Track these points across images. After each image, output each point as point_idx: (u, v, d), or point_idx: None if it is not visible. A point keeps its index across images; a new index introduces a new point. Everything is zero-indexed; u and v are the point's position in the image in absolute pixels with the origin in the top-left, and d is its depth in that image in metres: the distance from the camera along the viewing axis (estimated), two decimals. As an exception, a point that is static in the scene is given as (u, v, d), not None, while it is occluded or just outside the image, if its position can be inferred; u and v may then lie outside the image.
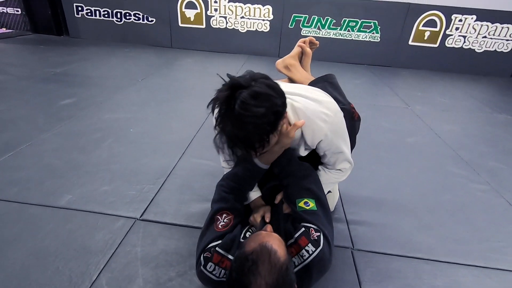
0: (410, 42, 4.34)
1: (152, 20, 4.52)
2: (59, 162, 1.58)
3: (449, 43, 4.30)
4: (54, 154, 1.65)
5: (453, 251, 1.21)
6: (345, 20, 4.26)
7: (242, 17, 4.38)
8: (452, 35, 4.24)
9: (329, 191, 1.24)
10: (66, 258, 1.04)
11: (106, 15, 4.53)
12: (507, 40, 4.20)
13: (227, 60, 4.15)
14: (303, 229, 0.87)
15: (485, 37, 4.21)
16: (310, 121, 0.94)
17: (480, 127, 2.56)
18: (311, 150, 1.05)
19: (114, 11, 4.49)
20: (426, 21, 4.18)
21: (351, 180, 1.54)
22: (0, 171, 1.48)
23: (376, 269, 1.10)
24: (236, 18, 4.39)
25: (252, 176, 1.03)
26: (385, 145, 2.06)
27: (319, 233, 0.86)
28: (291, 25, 4.36)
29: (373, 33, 4.31)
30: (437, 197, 1.55)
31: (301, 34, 4.36)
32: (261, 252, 0.72)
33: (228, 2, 4.28)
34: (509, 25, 4.10)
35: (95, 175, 1.50)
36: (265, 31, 4.45)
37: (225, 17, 4.40)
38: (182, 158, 1.71)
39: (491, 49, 4.28)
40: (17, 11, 4.61)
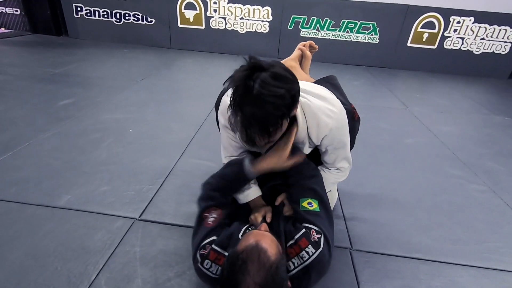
0: (409, 44, 4.36)
1: (152, 21, 4.52)
2: (58, 162, 1.58)
3: (447, 45, 4.32)
4: (53, 154, 1.65)
5: (451, 252, 1.22)
6: (344, 22, 4.27)
7: (242, 18, 4.39)
8: (450, 37, 4.26)
9: (329, 190, 1.24)
10: (65, 258, 1.04)
11: (106, 16, 4.53)
12: (505, 42, 4.22)
13: (226, 61, 4.15)
14: (304, 230, 0.87)
15: (483, 39, 4.24)
16: (316, 116, 0.95)
17: (478, 129, 2.57)
18: (313, 149, 1.06)
19: (114, 12, 4.49)
20: (425, 23, 4.20)
21: (350, 181, 1.54)
22: (-1, 171, 1.48)
23: (375, 269, 1.10)
24: (236, 19, 4.40)
25: (239, 180, 1.03)
26: (384, 146, 2.07)
27: (320, 235, 0.86)
28: (290, 26, 4.37)
29: (372, 35, 4.32)
30: (435, 198, 1.56)
31: (300, 35, 4.38)
32: (251, 251, 0.73)
33: (228, 3, 4.29)
34: (507, 27, 4.12)
35: (94, 176, 1.50)
36: (264, 32, 4.46)
37: (225, 18, 4.41)
38: (181, 159, 1.71)
39: (489, 51, 4.30)
40: (16, 11, 4.61)
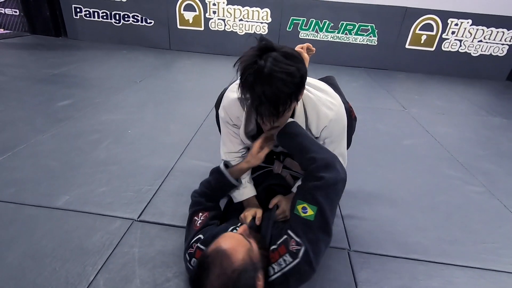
0: (407, 46, 4.38)
1: (151, 22, 4.53)
2: (57, 163, 1.58)
3: (445, 47, 4.34)
4: (52, 155, 1.65)
5: (448, 252, 1.22)
6: (343, 24, 4.29)
7: (241, 20, 4.40)
8: (448, 39, 4.29)
9: None
10: (63, 259, 1.04)
11: (105, 17, 4.54)
12: (502, 44, 4.25)
13: (225, 62, 4.16)
14: (285, 237, 0.83)
15: (481, 41, 4.26)
16: (317, 107, 0.97)
17: (476, 130, 2.59)
18: None
19: (113, 13, 4.50)
20: (423, 25, 4.23)
21: (348, 181, 1.55)
22: (-3, 172, 1.48)
23: (372, 270, 1.11)
24: (235, 21, 4.42)
25: (221, 187, 1.08)
26: (382, 147, 2.08)
27: (300, 247, 0.79)
28: (289, 28, 4.39)
29: (371, 37, 4.34)
30: (433, 199, 1.56)
31: (299, 37, 4.39)
32: (215, 256, 0.73)
33: (227, 5, 4.31)
34: (504, 30, 4.15)
35: (93, 176, 1.50)
36: (263, 34, 4.47)
37: (224, 20, 4.42)
38: (180, 160, 1.71)
39: (487, 53, 4.33)
40: (16, 12, 4.61)
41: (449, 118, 2.77)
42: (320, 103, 0.97)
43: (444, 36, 4.27)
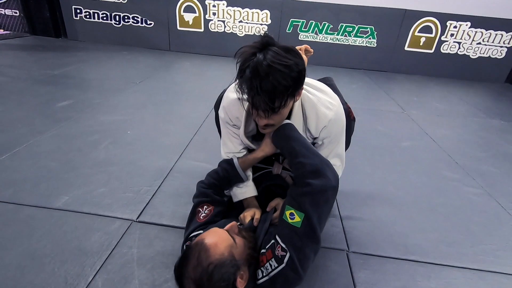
0: (406, 48, 4.40)
1: (151, 23, 4.54)
2: (56, 164, 1.58)
3: (444, 49, 4.36)
4: (51, 156, 1.65)
5: (447, 254, 1.22)
6: (342, 26, 4.31)
7: (240, 21, 4.42)
8: (447, 41, 4.31)
9: None
10: (62, 260, 1.04)
11: (105, 18, 4.54)
12: (501, 47, 4.27)
13: (225, 64, 4.17)
14: (272, 242, 0.83)
15: (480, 44, 4.28)
16: (316, 107, 0.97)
17: (474, 132, 2.59)
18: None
19: (113, 14, 4.51)
20: (422, 27, 4.25)
21: (347, 183, 1.56)
22: (-4, 172, 1.48)
23: (371, 271, 1.11)
24: (234, 22, 4.43)
25: (229, 177, 1.08)
26: (381, 149, 2.09)
27: (285, 253, 0.79)
28: (289, 30, 4.40)
29: (370, 39, 4.36)
30: (431, 200, 1.57)
31: (299, 39, 4.41)
32: (194, 248, 0.76)
33: (227, 6, 4.32)
34: (503, 32, 4.17)
35: (92, 177, 1.50)
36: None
37: (224, 21, 4.43)
38: (179, 160, 1.72)
39: (485, 55, 4.35)
40: (16, 13, 4.62)
41: (448, 120, 2.78)
42: (319, 103, 0.97)
43: (443, 39, 4.29)
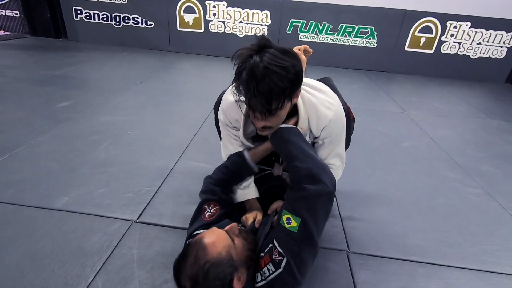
0: (406, 48, 4.40)
1: (151, 24, 4.54)
2: (56, 165, 1.58)
3: (444, 49, 4.36)
4: (51, 157, 1.65)
5: (447, 254, 1.22)
6: (342, 26, 4.31)
7: (240, 22, 4.42)
8: (447, 42, 4.31)
9: None
10: (62, 260, 1.04)
11: (105, 19, 4.55)
12: (501, 47, 4.27)
13: (225, 64, 4.17)
14: (270, 246, 0.83)
15: (480, 44, 4.28)
16: (316, 108, 0.97)
17: (475, 132, 2.59)
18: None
19: (113, 15, 4.51)
20: (422, 28, 4.24)
21: (347, 183, 1.56)
22: (-3, 173, 1.48)
23: (371, 272, 1.11)
24: (235, 23, 4.43)
25: (240, 170, 1.07)
26: (381, 149, 2.08)
27: (282, 258, 0.79)
28: (289, 30, 4.41)
29: (370, 39, 4.36)
30: (431, 201, 1.57)
31: (299, 39, 4.41)
32: (193, 246, 0.77)
33: (227, 7, 4.32)
34: (503, 32, 4.17)
35: (92, 178, 1.50)
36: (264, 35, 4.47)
37: (224, 22, 4.44)
38: (180, 161, 1.72)
39: (485, 56, 4.34)
40: (16, 14, 4.62)
41: (448, 121, 2.78)
42: (320, 104, 0.98)
43: (443, 39, 4.29)
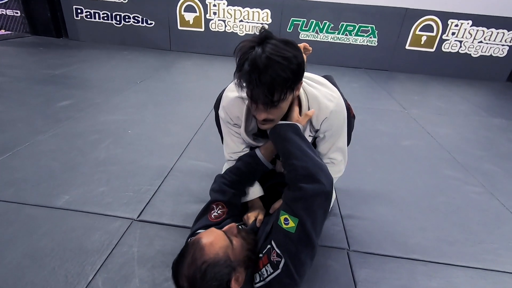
0: (407, 47, 4.38)
1: (151, 23, 4.54)
2: (57, 163, 1.58)
3: (446, 48, 4.34)
4: (52, 155, 1.65)
5: (448, 253, 1.22)
6: (343, 25, 4.30)
7: (241, 21, 4.41)
8: (449, 40, 4.29)
9: None
10: (62, 259, 1.04)
11: (106, 18, 4.55)
12: (503, 45, 4.25)
13: (226, 63, 4.17)
14: (268, 247, 0.82)
15: (481, 42, 4.26)
16: (317, 99, 0.97)
17: (476, 131, 2.58)
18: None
19: (114, 14, 4.51)
20: (423, 26, 4.23)
21: (348, 182, 1.56)
22: (-3, 172, 1.48)
23: (372, 270, 1.11)
24: (235, 22, 4.42)
25: (253, 171, 1.06)
26: (382, 148, 2.08)
27: (280, 259, 0.78)
28: (290, 29, 4.40)
29: (371, 37, 4.35)
30: (433, 199, 1.56)
31: (300, 38, 4.40)
32: (191, 246, 0.78)
33: (227, 6, 4.32)
34: (505, 30, 4.15)
35: (92, 176, 1.50)
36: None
37: (224, 21, 4.43)
38: (180, 160, 1.72)
39: (487, 54, 4.33)
40: (17, 13, 4.62)
41: (449, 119, 2.77)
42: (321, 95, 0.98)
43: (444, 37, 4.27)
